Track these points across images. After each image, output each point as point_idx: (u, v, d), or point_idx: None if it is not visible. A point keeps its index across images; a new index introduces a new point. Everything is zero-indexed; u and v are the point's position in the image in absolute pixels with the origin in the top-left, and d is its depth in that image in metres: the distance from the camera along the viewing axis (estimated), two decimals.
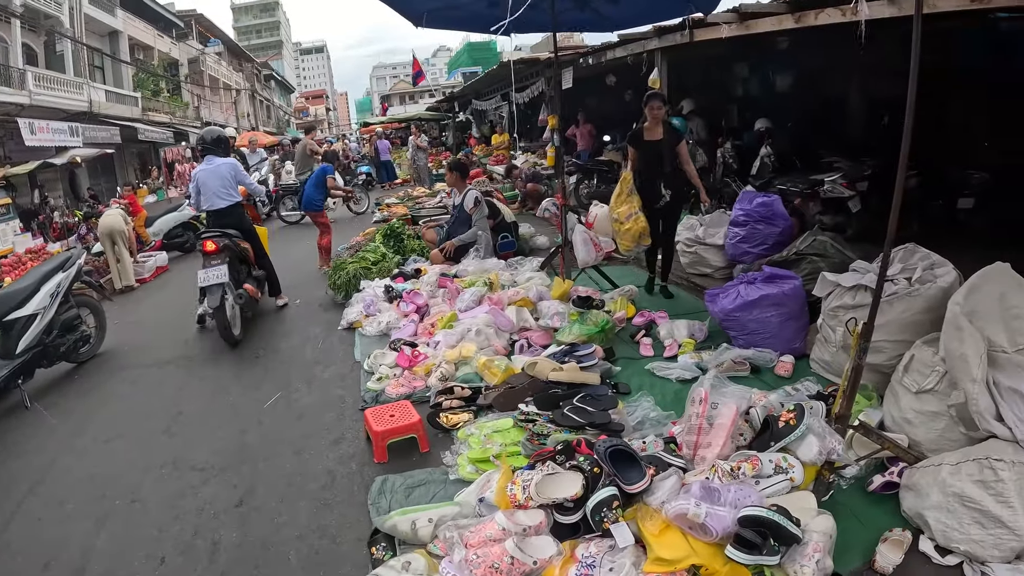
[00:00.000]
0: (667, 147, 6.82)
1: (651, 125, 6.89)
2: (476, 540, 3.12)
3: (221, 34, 49.48)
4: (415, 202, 14.37)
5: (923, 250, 4.79)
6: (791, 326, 5.48)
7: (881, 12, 5.45)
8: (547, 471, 3.40)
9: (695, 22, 8.50)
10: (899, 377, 4.09)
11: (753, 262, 6.83)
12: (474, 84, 24.17)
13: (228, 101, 46.96)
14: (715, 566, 2.89)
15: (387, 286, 7.75)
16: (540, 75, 15.89)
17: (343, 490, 4.21)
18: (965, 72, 9.52)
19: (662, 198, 6.91)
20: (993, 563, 2.98)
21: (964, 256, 4.76)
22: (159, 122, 31.54)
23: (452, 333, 6.10)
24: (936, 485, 3.24)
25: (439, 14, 7.21)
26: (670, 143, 6.85)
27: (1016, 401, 3.36)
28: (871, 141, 9.94)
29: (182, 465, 4.73)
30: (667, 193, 6.88)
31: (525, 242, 10.15)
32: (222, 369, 6.60)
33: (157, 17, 35.76)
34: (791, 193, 9.09)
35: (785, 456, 3.40)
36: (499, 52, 51.93)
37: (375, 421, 4.55)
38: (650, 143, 6.91)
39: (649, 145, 6.92)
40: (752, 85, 14.02)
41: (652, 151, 6.90)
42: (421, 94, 67.24)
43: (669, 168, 6.85)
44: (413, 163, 21.98)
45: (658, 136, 6.86)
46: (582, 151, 15.73)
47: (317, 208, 10.17)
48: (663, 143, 6.83)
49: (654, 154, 6.88)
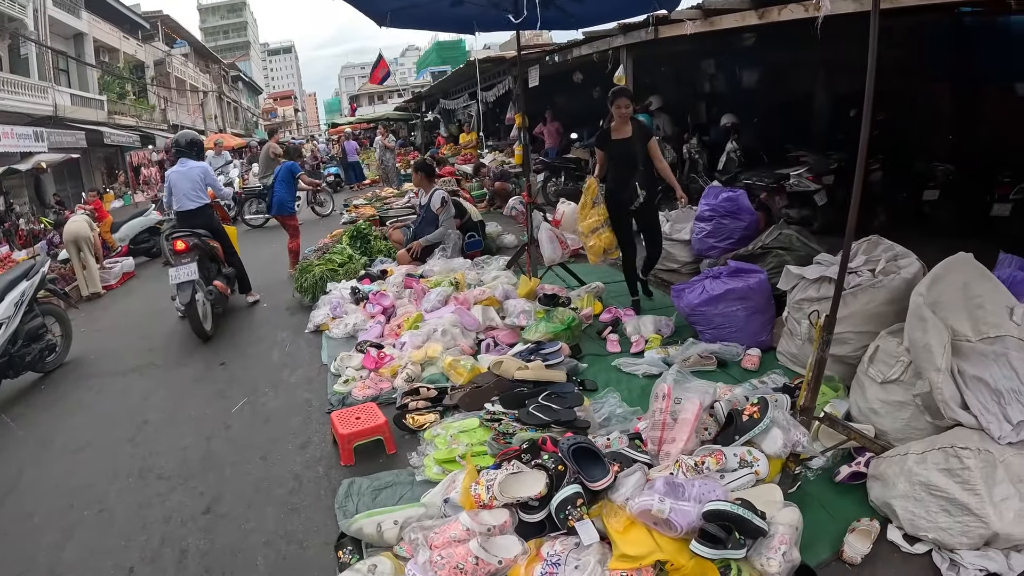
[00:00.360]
0: (638, 144, 6.46)
1: (618, 124, 6.53)
2: (441, 541, 3.08)
3: (188, 35, 48.96)
4: (383, 203, 14.28)
5: (886, 242, 4.82)
6: (757, 319, 5.50)
7: (843, 8, 5.48)
8: (511, 470, 3.36)
9: (659, 19, 8.53)
10: (864, 368, 4.12)
11: (719, 257, 6.85)
12: (442, 83, 24.14)
13: (195, 103, 46.50)
14: (680, 561, 2.86)
15: (353, 288, 7.69)
16: (507, 73, 15.90)
17: (310, 494, 4.16)
18: (930, 67, 9.65)
19: (637, 198, 6.46)
20: (961, 550, 3.01)
21: (929, 247, 4.79)
22: (125, 125, 31.13)
23: (418, 334, 6.06)
24: (903, 474, 3.26)
25: (402, 13, 7.14)
26: (640, 140, 6.49)
27: (981, 389, 3.38)
28: (838, 135, 10.05)
29: (148, 474, 4.65)
30: (642, 193, 6.45)
31: (492, 241, 10.13)
32: (188, 376, 6.49)
33: (122, 19, 35.30)
34: (757, 187, 9.16)
35: (750, 450, 3.39)
36: (468, 51, 51.94)
37: (341, 424, 4.50)
38: (619, 142, 6.54)
39: (618, 144, 6.55)
40: (718, 81, 14.14)
41: (622, 150, 6.53)
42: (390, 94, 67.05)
43: (642, 166, 6.47)
44: (381, 163, 21.86)
45: (627, 134, 6.50)
46: (549, 149, 15.74)
47: (290, 211, 10.03)
48: (633, 141, 6.48)
49: (625, 153, 6.51)
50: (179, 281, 7.21)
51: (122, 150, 30.82)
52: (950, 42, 9.35)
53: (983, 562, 2.95)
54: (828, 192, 8.76)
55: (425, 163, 9.33)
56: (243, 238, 12.25)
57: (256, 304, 8.80)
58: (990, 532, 2.97)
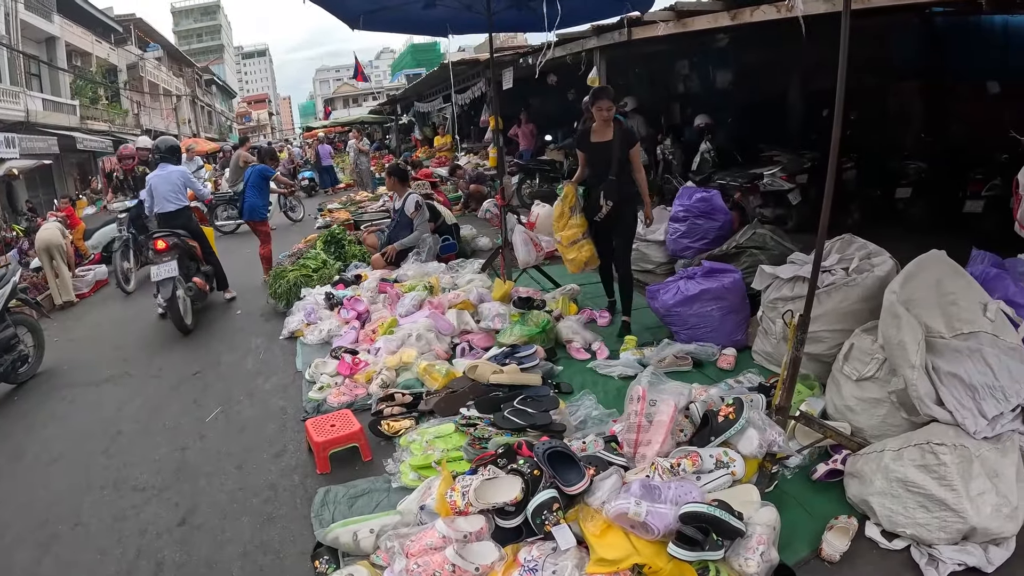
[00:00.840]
0: (618, 150, 5.97)
1: (599, 125, 6.09)
2: (417, 549, 3.05)
3: (161, 39, 48.40)
4: (357, 207, 14.23)
5: (860, 240, 4.85)
6: (732, 319, 5.52)
7: (816, 8, 5.51)
8: (487, 476, 3.34)
9: (632, 20, 8.54)
10: (840, 366, 4.13)
11: (694, 257, 6.87)
12: (416, 86, 24.09)
13: (168, 107, 45.96)
14: (658, 564, 2.86)
15: (328, 293, 7.63)
16: (481, 76, 15.88)
17: (286, 503, 4.12)
18: (902, 66, 9.76)
19: (600, 210, 6.02)
20: (940, 545, 3.03)
21: (902, 244, 4.83)
22: (98, 131, 30.70)
23: (392, 339, 6.02)
24: (880, 471, 3.28)
25: (375, 16, 7.12)
26: (621, 146, 6.00)
27: (955, 385, 3.40)
28: (811, 135, 10.14)
29: (123, 485, 4.58)
30: (607, 204, 5.96)
31: (467, 244, 10.11)
32: (163, 385, 6.41)
33: (95, 22, 34.81)
34: (731, 187, 9.21)
35: (726, 450, 3.39)
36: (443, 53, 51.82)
37: (316, 432, 4.46)
38: (598, 146, 6.10)
39: (597, 148, 6.12)
40: (692, 82, 14.20)
41: (599, 155, 6.08)
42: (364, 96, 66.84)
43: (615, 174, 5.95)
44: (355, 167, 21.78)
45: (607, 137, 6.03)
46: (524, 151, 15.74)
47: (262, 216, 9.94)
48: (612, 145, 6.00)
49: (601, 158, 6.06)
50: (160, 278, 7.57)
51: (95, 155, 30.43)
52: (922, 41, 9.47)
53: (962, 556, 2.97)
54: (802, 191, 8.83)
55: (398, 168, 9.33)
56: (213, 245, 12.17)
57: (232, 301, 9.09)
58: (968, 526, 2.98)
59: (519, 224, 7.87)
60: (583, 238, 6.28)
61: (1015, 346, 3.58)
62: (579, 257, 6.29)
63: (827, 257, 4.70)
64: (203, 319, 8.42)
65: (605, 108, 5.97)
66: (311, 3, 6.09)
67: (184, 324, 7.78)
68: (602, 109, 5.97)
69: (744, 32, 7.87)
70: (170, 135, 22.63)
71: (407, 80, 41.83)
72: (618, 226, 6.17)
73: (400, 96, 29.36)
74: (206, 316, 8.54)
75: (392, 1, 6.77)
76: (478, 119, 19.01)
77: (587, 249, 6.28)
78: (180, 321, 7.72)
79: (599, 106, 5.99)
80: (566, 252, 6.36)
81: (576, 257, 6.30)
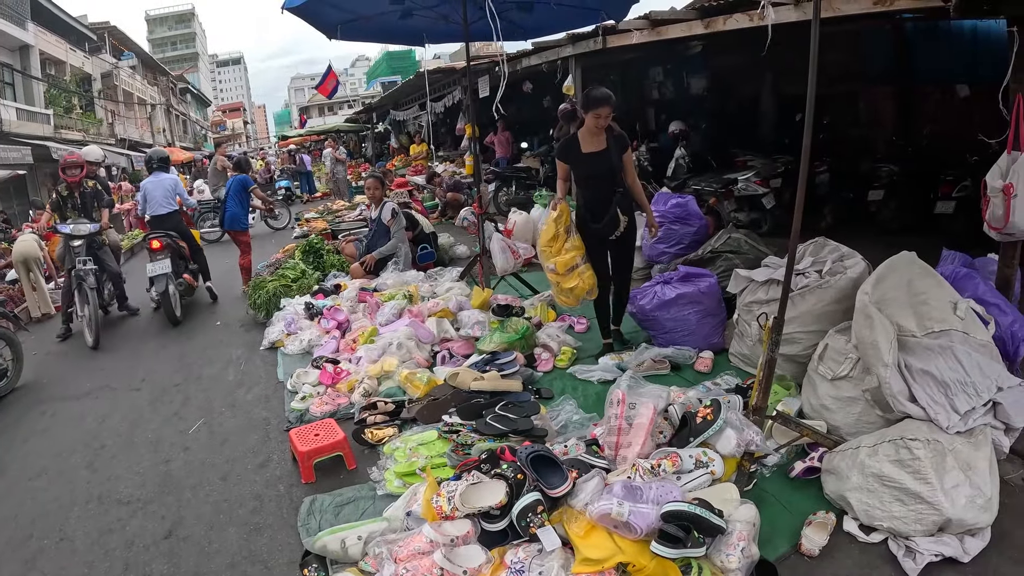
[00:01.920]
0: (616, 159, 5.39)
1: (590, 133, 5.43)
2: (405, 554, 3.07)
3: (135, 47, 47.77)
4: (335, 216, 14.21)
5: (832, 243, 4.92)
6: (709, 322, 5.58)
7: (787, 16, 5.59)
8: (471, 481, 3.38)
9: (607, 29, 8.61)
10: (814, 366, 4.20)
11: (670, 262, 6.93)
12: (392, 94, 24.04)
13: (143, 116, 45.40)
14: (642, 562, 2.91)
15: (307, 303, 7.63)
16: (457, 84, 15.91)
17: (272, 513, 4.11)
18: (873, 71, 9.90)
19: (618, 227, 5.40)
20: (916, 537, 3.10)
21: (875, 246, 4.92)
22: (72, 140, 30.29)
23: (373, 348, 6.03)
24: (856, 467, 3.36)
25: (352, 26, 7.15)
26: (618, 153, 5.41)
27: (928, 382, 3.49)
28: (784, 139, 10.26)
29: (108, 499, 4.56)
30: (624, 220, 5.41)
31: (445, 252, 10.11)
32: (144, 398, 6.36)
33: (69, 30, 34.30)
34: (706, 192, 9.29)
35: (705, 450, 3.46)
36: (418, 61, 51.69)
37: (300, 441, 4.46)
38: (592, 156, 5.43)
39: (592, 159, 5.43)
40: (666, 89, 14.30)
41: (597, 167, 5.42)
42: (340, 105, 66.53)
43: (622, 185, 5.45)
44: (332, 176, 21.74)
45: (601, 146, 5.40)
46: (500, 158, 15.77)
47: (243, 227, 9.93)
48: (610, 155, 5.37)
49: (601, 170, 5.40)
50: (155, 274, 8.47)
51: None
52: (892, 46, 9.62)
53: (938, 547, 3.04)
54: (776, 195, 8.93)
55: (378, 175, 9.35)
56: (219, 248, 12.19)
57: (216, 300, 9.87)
58: (943, 518, 3.06)
59: (496, 232, 7.89)
60: (582, 263, 5.49)
61: (985, 343, 3.69)
62: (580, 286, 5.46)
63: (801, 260, 4.78)
64: (183, 331, 8.42)
65: (604, 116, 5.29)
66: (288, 13, 6.11)
67: (175, 316, 8.68)
68: (600, 117, 5.29)
69: (717, 39, 7.96)
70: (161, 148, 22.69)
71: (383, 88, 41.68)
72: (623, 245, 5.62)
73: (376, 104, 29.30)
74: (186, 328, 8.53)
75: (369, 11, 6.81)
76: (454, 127, 19.05)
77: (589, 276, 5.48)
78: (171, 313, 8.64)
79: (598, 113, 5.28)
80: (563, 281, 5.48)
81: (577, 286, 5.46)
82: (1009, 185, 4.20)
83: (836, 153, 9.32)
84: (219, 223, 12.78)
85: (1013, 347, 4.12)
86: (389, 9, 6.58)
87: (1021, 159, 4.22)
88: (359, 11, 6.84)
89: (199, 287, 9.98)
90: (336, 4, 6.48)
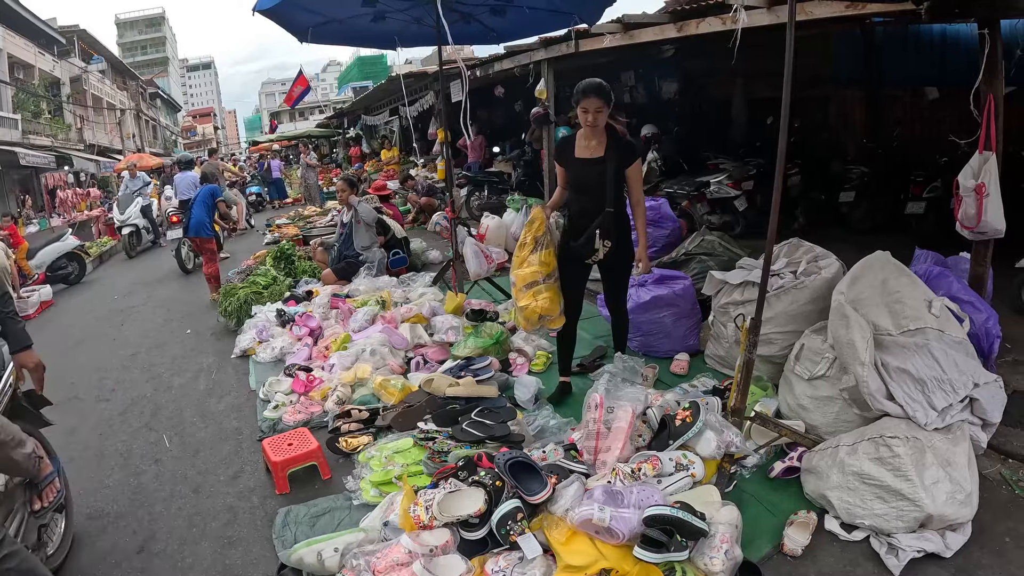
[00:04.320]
0: (612, 168, 4.43)
1: (587, 134, 4.53)
2: (383, 566, 3.02)
3: (105, 51, 47.03)
4: (306, 221, 14.13)
5: (807, 244, 4.96)
6: (684, 324, 5.59)
7: (760, 20, 5.61)
8: (449, 489, 3.35)
9: (580, 33, 8.60)
10: (791, 366, 4.23)
11: None
12: (363, 99, 23.93)
13: (112, 122, 44.77)
14: (625, 568, 2.89)
15: (279, 310, 7.51)
16: (429, 88, 15.86)
17: (246, 526, 4.04)
18: (844, 74, 10.02)
19: (595, 251, 4.50)
20: (898, 534, 3.12)
21: (848, 246, 4.96)
22: (40, 146, 29.84)
23: (347, 355, 5.96)
24: (835, 466, 3.37)
25: (323, 29, 7.07)
26: (618, 162, 4.45)
27: (905, 380, 3.52)
28: (756, 142, 10.33)
29: (77, 514, 4.38)
30: (604, 245, 4.47)
31: (417, 257, 10.05)
32: (113, 409, 6.23)
33: (38, 33, 33.66)
34: (679, 196, 9.33)
35: (685, 453, 3.45)
36: (389, 66, 51.60)
37: (273, 451, 4.39)
38: (585, 163, 4.55)
39: (582, 166, 4.56)
40: (639, 92, 14.35)
41: (587, 175, 4.54)
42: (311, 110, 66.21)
43: (613, 204, 4.44)
44: (303, 181, 21.60)
45: (597, 151, 4.49)
46: (473, 163, 15.73)
47: (208, 234, 9.79)
48: (605, 163, 4.45)
49: (591, 181, 4.50)
50: (172, 237, 12.91)
51: (37, 172, 29.57)
52: (863, 50, 9.72)
53: (920, 543, 3.06)
54: (748, 197, 9.01)
55: (349, 178, 9.31)
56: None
57: None
58: (924, 514, 3.08)
59: (469, 236, 7.86)
60: (543, 282, 4.61)
61: (960, 340, 3.72)
62: (533, 307, 4.60)
63: (775, 261, 4.80)
64: (153, 340, 8.26)
65: (593, 110, 4.33)
66: (259, 15, 6.03)
67: (185, 267, 11.90)
68: (588, 111, 4.35)
69: (690, 43, 7.97)
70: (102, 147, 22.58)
71: (354, 93, 41.56)
72: (614, 265, 4.70)
73: (348, 109, 29.15)
74: (156, 337, 8.37)
75: (341, 14, 6.74)
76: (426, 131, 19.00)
77: (546, 298, 4.59)
78: (182, 265, 11.90)
79: (585, 107, 4.35)
80: (519, 297, 4.72)
81: (530, 307, 4.61)
82: (981, 185, 4.26)
83: (808, 155, 9.40)
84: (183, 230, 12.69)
85: (988, 344, 4.17)
86: (361, 12, 6.52)
87: (992, 159, 4.28)
88: (331, 14, 6.77)
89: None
90: (307, 6, 6.41)
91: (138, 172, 17.12)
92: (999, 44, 4.27)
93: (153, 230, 16.42)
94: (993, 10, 4.25)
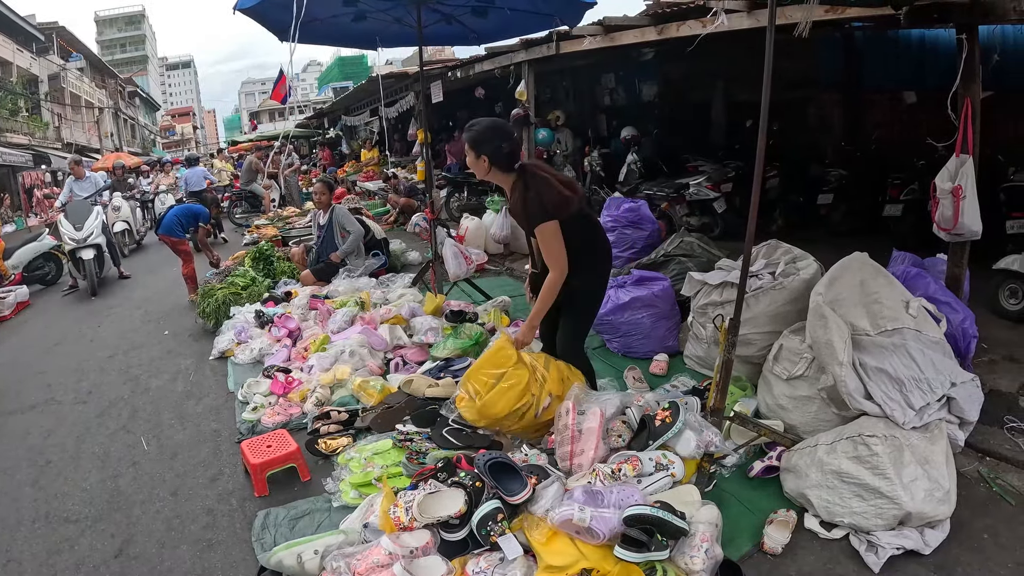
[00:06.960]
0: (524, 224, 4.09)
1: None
2: (364, 567, 3.01)
3: (84, 48, 46.43)
4: (285, 222, 14.06)
5: (785, 245, 4.99)
6: (663, 325, 5.61)
7: (739, 24, 5.64)
8: (429, 490, 3.33)
9: (561, 34, 8.62)
10: (770, 366, 4.25)
11: (623, 266, 6.95)
12: (344, 100, 23.85)
13: (91, 120, 44.27)
14: (606, 567, 2.89)
15: (258, 311, 7.45)
16: (410, 89, 15.84)
17: (225, 529, 4.01)
18: (823, 77, 10.11)
19: None
20: (877, 531, 3.15)
21: (825, 248, 4.99)
22: (17, 144, 29.45)
23: (325, 356, 5.92)
24: (814, 465, 3.40)
25: (304, 28, 7.04)
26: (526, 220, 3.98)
27: (883, 379, 3.55)
28: (735, 144, 10.40)
29: (55, 518, 4.38)
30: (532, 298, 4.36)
31: (397, 258, 10.01)
32: (90, 412, 6.15)
33: (17, 30, 33.13)
34: (658, 197, 9.35)
35: (665, 453, 3.47)
36: (370, 67, 51.38)
37: (252, 453, 4.35)
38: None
39: None
40: (618, 95, 14.40)
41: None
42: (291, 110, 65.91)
43: (538, 265, 4.24)
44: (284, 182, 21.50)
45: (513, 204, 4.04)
46: (452, 164, 15.72)
47: (179, 235, 9.63)
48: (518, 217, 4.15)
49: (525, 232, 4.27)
50: None
51: (14, 170, 29.19)
52: (842, 54, 9.82)
53: (899, 541, 3.10)
54: (726, 199, 9.05)
55: (327, 181, 9.28)
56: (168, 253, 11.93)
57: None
58: (903, 512, 3.11)
59: (449, 237, 7.85)
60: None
61: (937, 340, 3.76)
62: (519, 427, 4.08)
63: (754, 262, 4.81)
64: (131, 342, 8.15)
65: (470, 161, 4.03)
66: (240, 14, 6.00)
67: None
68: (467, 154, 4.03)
69: (670, 45, 8.00)
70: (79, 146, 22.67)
71: (334, 94, 41.35)
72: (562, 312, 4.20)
73: (328, 110, 29.06)
74: (133, 339, 8.27)
75: (322, 14, 6.71)
76: (406, 132, 18.96)
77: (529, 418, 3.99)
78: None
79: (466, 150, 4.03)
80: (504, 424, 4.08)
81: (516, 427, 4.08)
82: (958, 187, 4.31)
83: (787, 158, 9.46)
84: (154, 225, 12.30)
85: (964, 343, 4.22)
86: (342, 11, 6.51)
87: (969, 162, 4.33)
88: (312, 13, 6.73)
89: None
90: (288, 5, 6.39)
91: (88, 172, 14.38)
92: (976, 49, 4.34)
93: (112, 254, 11.99)
94: (971, 16, 4.30)
